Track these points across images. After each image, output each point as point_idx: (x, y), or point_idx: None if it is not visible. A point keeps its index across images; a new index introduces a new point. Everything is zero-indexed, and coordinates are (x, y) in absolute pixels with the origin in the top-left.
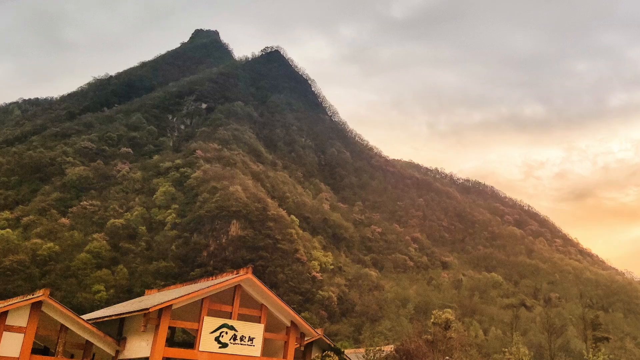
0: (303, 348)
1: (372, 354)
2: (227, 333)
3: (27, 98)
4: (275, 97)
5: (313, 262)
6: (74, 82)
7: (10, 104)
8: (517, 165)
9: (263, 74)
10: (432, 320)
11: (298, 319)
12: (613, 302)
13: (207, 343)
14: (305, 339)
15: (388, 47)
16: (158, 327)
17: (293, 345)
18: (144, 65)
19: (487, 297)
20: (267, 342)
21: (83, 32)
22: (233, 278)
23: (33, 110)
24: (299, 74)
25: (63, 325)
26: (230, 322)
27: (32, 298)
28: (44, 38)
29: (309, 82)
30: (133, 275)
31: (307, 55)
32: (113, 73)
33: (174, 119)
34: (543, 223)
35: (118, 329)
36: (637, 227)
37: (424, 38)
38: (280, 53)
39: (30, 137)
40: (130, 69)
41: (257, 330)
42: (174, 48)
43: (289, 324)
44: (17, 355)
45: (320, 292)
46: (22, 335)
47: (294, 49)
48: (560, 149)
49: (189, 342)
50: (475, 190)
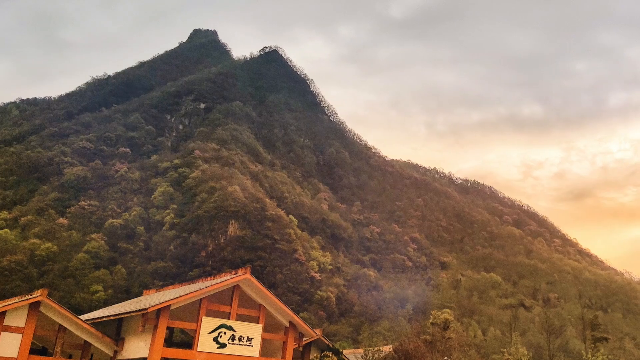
0: (302, 348)
1: (370, 355)
2: (225, 333)
3: (25, 98)
4: (274, 97)
5: (312, 262)
6: (72, 82)
7: (8, 104)
8: (515, 165)
9: (261, 74)
10: (430, 321)
11: (296, 319)
12: (612, 302)
13: (205, 343)
14: (304, 340)
15: (387, 47)
16: (156, 327)
17: (292, 346)
18: (142, 65)
19: (485, 297)
20: (265, 342)
21: (81, 32)
22: (231, 278)
23: (31, 110)
24: (298, 74)
25: (61, 326)
26: (229, 322)
27: (30, 298)
28: (42, 38)
29: (308, 82)
30: (131, 276)
31: (305, 55)
32: (111, 73)
33: (172, 119)
34: (542, 223)
35: (116, 329)
36: (636, 227)
37: (423, 38)
38: (279, 53)
39: (29, 137)
40: (129, 69)
41: (255, 331)
42: (172, 48)
43: (288, 325)
44: (15, 356)
45: (319, 292)
46: (20, 336)
47: (293, 49)
48: (559, 149)
49: (188, 342)
50: (474, 190)
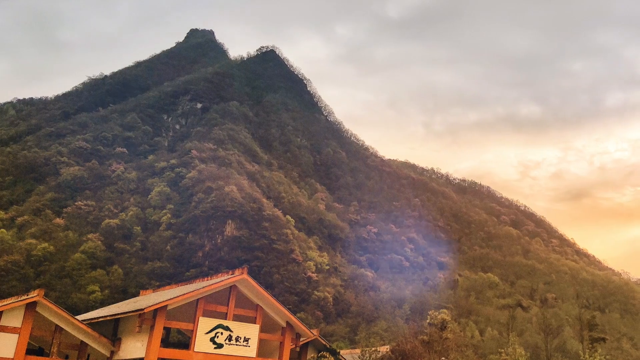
0: (299, 349)
1: (367, 355)
2: (222, 334)
3: (21, 98)
4: (271, 96)
5: (309, 262)
6: (69, 81)
7: (5, 104)
8: (513, 165)
9: (258, 74)
10: (428, 321)
11: (293, 320)
12: (610, 302)
13: (202, 344)
14: (301, 340)
15: (384, 46)
16: (153, 327)
17: (289, 346)
18: (139, 65)
19: (483, 297)
20: (262, 342)
21: (78, 31)
22: (228, 278)
23: (27, 110)
24: (295, 74)
25: (58, 326)
26: (226, 322)
27: (26, 298)
28: (39, 38)
29: (305, 81)
30: (128, 276)
31: (302, 55)
32: (108, 73)
33: (169, 119)
34: (539, 223)
35: (113, 330)
36: (634, 227)
37: (420, 38)
38: (276, 53)
39: (25, 137)
40: (125, 69)
41: (252, 331)
42: (169, 48)
43: (285, 325)
44: (11, 356)
45: (316, 292)
46: (16, 336)
47: (290, 49)
48: (557, 149)
49: (184, 342)
50: (471, 191)
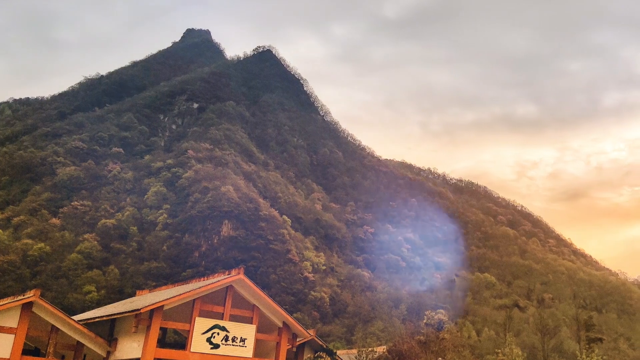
0: (295, 349)
1: (364, 355)
2: (218, 334)
3: (17, 97)
4: (267, 96)
5: (305, 262)
6: (65, 81)
7: (1, 104)
8: (510, 165)
9: (255, 74)
10: (424, 321)
11: (290, 320)
12: (607, 302)
13: (198, 344)
14: (298, 340)
15: (381, 46)
16: (149, 328)
17: (285, 346)
18: (136, 65)
19: (480, 297)
20: (259, 343)
21: (74, 31)
22: (225, 279)
23: (24, 110)
24: (291, 74)
25: (54, 326)
26: (222, 323)
27: (22, 299)
28: (35, 37)
29: (301, 81)
30: (124, 276)
31: (299, 55)
32: (104, 72)
33: (166, 119)
34: (536, 223)
35: (109, 330)
36: (630, 227)
37: (417, 38)
38: (272, 52)
39: (21, 136)
40: (122, 69)
41: (249, 331)
42: (166, 47)
43: (281, 325)
44: (7, 356)
45: (313, 292)
46: (12, 336)
47: (286, 49)
48: (554, 149)
49: (181, 343)
50: (468, 191)
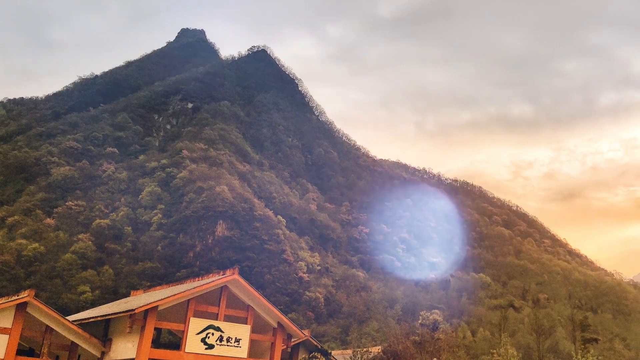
0: (290, 349)
1: (359, 356)
2: (213, 334)
3: (12, 97)
4: (262, 96)
5: (300, 262)
6: (60, 81)
7: None
8: (505, 165)
9: (250, 74)
10: (419, 322)
11: (285, 320)
12: (602, 303)
13: (193, 344)
14: (292, 341)
15: (376, 46)
16: (144, 328)
17: (280, 347)
18: (130, 65)
19: (475, 298)
20: (253, 343)
21: (68, 31)
22: (219, 279)
23: (18, 110)
24: (286, 74)
25: (48, 327)
26: (217, 323)
27: (17, 299)
28: (29, 37)
29: (296, 81)
30: (119, 276)
31: (294, 55)
32: (99, 72)
33: (160, 119)
34: (531, 223)
35: (104, 330)
36: (626, 227)
37: (412, 37)
38: (267, 52)
39: (15, 136)
40: (116, 69)
41: (243, 332)
42: (160, 47)
43: (276, 325)
44: (2, 357)
45: (307, 293)
46: (7, 337)
47: (281, 48)
48: (549, 149)
49: (175, 343)
50: (463, 191)
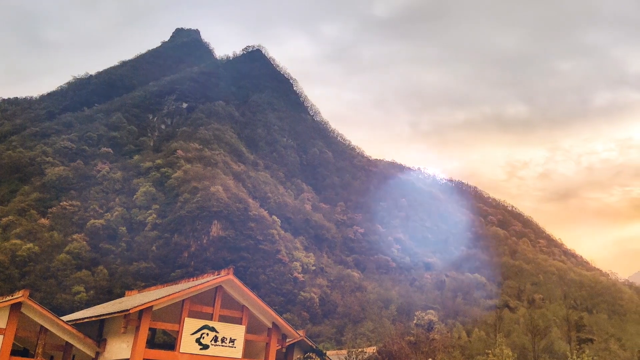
0: (285, 350)
1: (354, 356)
2: (208, 334)
3: (6, 97)
4: (257, 96)
5: (295, 262)
6: (54, 81)
7: None
8: (500, 166)
9: (244, 73)
10: (414, 322)
11: (280, 321)
12: (597, 303)
13: (187, 344)
14: (287, 341)
15: (370, 46)
16: (138, 328)
17: (274, 347)
18: (124, 65)
19: (470, 298)
20: (248, 343)
21: (63, 31)
22: (214, 279)
23: (12, 110)
24: (281, 73)
25: (43, 327)
26: (211, 323)
27: (11, 299)
28: (24, 37)
29: (291, 81)
30: (113, 276)
31: (288, 55)
32: (93, 72)
33: (155, 119)
34: (527, 223)
35: (98, 331)
36: (621, 227)
37: (407, 37)
38: (262, 52)
39: (10, 136)
40: (111, 68)
41: (238, 332)
42: (155, 47)
43: (271, 326)
44: None
45: (302, 293)
46: (1, 337)
47: (276, 48)
48: (544, 149)
49: (170, 343)
50: (458, 191)
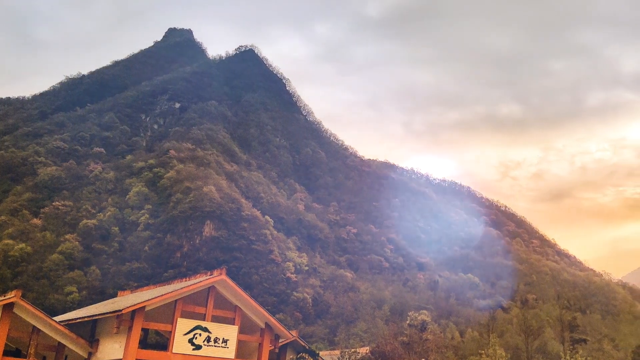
0: (277, 350)
1: (347, 356)
2: (200, 335)
3: None
4: (250, 96)
5: (288, 263)
6: (46, 81)
7: None
8: (493, 165)
9: (237, 73)
10: (407, 322)
11: (272, 321)
12: (591, 303)
13: (180, 345)
14: (280, 341)
15: (363, 45)
16: (131, 328)
17: (267, 347)
18: (117, 64)
19: (463, 298)
20: (241, 344)
21: (55, 30)
22: (207, 279)
23: (4, 110)
24: (274, 73)
25: (35, 327)
26: (204, 323)
27: (3, 299)
28: (16, 37)
29: (284, 81)
30: (106, 277)
31: (281, 54)
32: (85, 72)
33: (147, 119)
34: (520, 224)
35: (91, 331)
36: (615, 227)
37: (400, 37)
38: (255, 52)
39: (2, 137)
40: (103, 68)
41: (231, 332)
42: (147, 47)
43: (264, 326)
44: None
45: (295, 293)
46: None
47: (269, 48)
48: (538, 149)
49: (163, 344)
50: (451, 191)
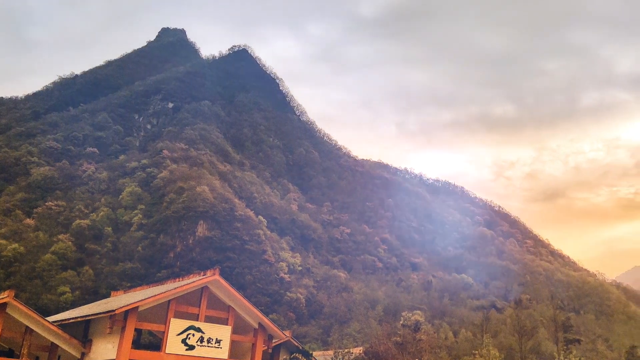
0: (271, 350)
1: (340, 356)
2: (194, 335)
3: None
4: (243, 96)
5: (281, 263)
6: (39, 81)
7: None
8: (487, 165)
9: (230, 73)
10: (401, 322)
11: (266, 321)
12: (584, 303)
13: (173, 345)
14: (273, 341)
15: (357, 45)
16: (124, 329)
17: (261, 348)
18: (110, 64)
19: (457, 298)
20: (234, 344)
21: (48, 30)
22: (200, 279)
23: None
24: (267, 73)
25: (28, 327)
26: (197, 324)
27: None
28: (8, 36)
29: (277, 81)
30: (99, 277)
31: (275, 54)
32: (79, 72)
33: (141, 119)
34: (514, 224)
35: (84, 331)
36: (608, 227)
37: (394, 37)
38: (248, 52)
39: None
40: (96, 68)
41: (224, 332)
42: (141, 47)
43: (257, 326)
44: None
45: (289, 293)
46: None
47: (262, 48)
48: (531, 149)
49: (156, 344)
50: (445, 191)
